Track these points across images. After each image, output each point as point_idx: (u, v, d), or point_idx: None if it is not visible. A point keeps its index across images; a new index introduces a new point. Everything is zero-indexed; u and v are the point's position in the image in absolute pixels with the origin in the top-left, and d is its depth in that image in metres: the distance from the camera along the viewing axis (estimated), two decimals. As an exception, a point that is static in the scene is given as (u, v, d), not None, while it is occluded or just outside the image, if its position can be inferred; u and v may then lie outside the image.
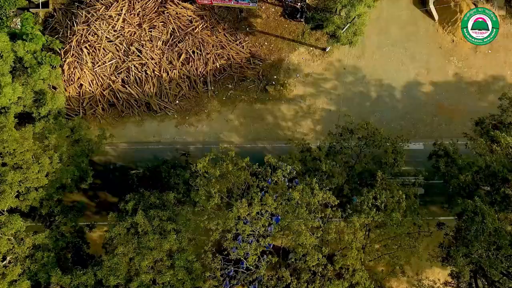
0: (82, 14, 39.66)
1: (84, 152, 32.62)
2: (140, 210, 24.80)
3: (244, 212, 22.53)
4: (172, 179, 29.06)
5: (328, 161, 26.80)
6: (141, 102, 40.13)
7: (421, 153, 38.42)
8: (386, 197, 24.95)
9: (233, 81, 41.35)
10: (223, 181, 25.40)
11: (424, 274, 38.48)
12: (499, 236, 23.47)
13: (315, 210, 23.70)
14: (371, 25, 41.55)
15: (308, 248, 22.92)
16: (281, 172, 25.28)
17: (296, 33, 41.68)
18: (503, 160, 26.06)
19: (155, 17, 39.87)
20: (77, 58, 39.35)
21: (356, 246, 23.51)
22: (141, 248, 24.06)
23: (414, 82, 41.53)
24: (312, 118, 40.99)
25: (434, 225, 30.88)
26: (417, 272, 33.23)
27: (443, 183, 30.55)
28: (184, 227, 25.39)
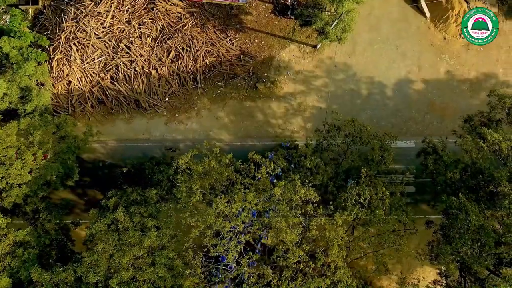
0: (71, 11, 39.45)
1: (70, 149, 32.39)
2: (121, 207, 24.55)
3: (226, 209, 22.25)
4: (156, 176, 28.79)
5: (313, 158, 26.51)
6: (130, 99, 39.90)
7: (412, 151, 38.12)
8: (369, 193, 24.63)
9: (223, 79, 41.09)
10: (206, 177, 25.13)
11: (415, 273, 38.31)
12: (483, 233, 23.14)
13: (296, 206, 23.41)
14: (362, 22, 41.31)
15: (289, 245, 22.66)
16: (265, 169, 25.00)
17: (287, 30, 41.41)
18: (490, 157, 25.71)
19: (144, 14, 39.64)
20: (66, 55, 39.14)
21: (338, 243, 23.25)
22: (122, 245, 23.81)
23: (406, 80, 41.22)
24: (302, 115, 40.70)
25: (423, 223, 30.59)
26: (401, 271, 32.89)
27: (431, 181, 30.22)
28: (165, 224, 25.13)
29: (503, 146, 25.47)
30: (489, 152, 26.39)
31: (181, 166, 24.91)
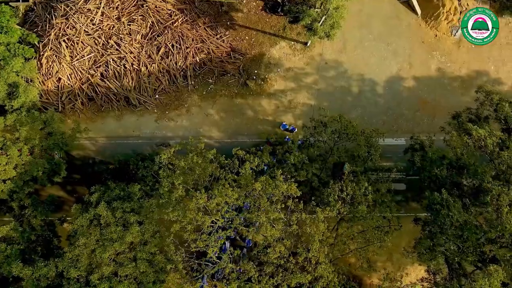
0: (60, 8, 39.43)
1: (58, 145, 32.33)
2: (103, 202, 24.46)
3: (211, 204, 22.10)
4: (140, 172, 28.68)
5: (297, 154, 26.37)
6: (120, 96, 39.83)
7: (403, 148, 37.97)
8: (352, 189, 24.49)
9: (214, 76, 41.00)
10: (189, 173, 25.01)
11: (406, 270, 38.14)
12: (466, 229, 22.94)
13: (277, 201, 23.27)
14: (353, 19, 41.18)
15: (270, 240, 22.52)
16: (249, 165, 24.88)
17: (277, 27, 41.31)
18: (476, 154, 25.53)
19: (134, 11, 39.59)
20: (56, 51, 39.10)
21: (319, 238, 23.10)
22: (103, 240, 23.71)
23: (397, 77, 41.07)
24: (293, 112, 40.57)
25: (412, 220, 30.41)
26: (384, 267, 32.71)
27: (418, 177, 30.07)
28: (147, 219, 25.04)
29: (488, 142, 25.30)
30: (474, 148, 26.21)
31: (163, 161, 24.83)
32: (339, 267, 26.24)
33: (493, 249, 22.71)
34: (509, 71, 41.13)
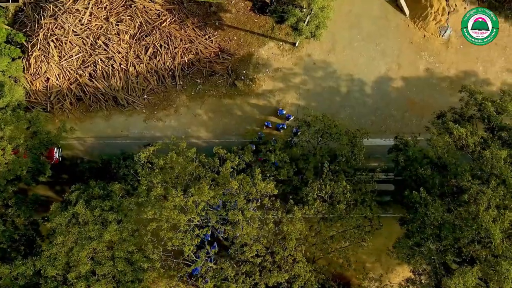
0: (49, 8, 39.56)
1: (43, 144, 32.31)
2: (81, 200, 24.41)
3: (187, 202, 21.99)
4: (121, 170, 28.63)
5: (278, 153, 26.29)
6: (108, 96, 39.87)
7: (391, 149, 37.89)
8: (331, 188, 24.36)
9: (202, 76, 41.02)
10: (170, 171, 24.96)
11: (395, 272, 37.95)
12: (444, 228, 22.77)
13: (253, 200, 23.17)
14: (342, 19, 41.24)
15: (247, 239, 22.42)
16: (229, 163, 24.82)
17: (266, 28, 41.35)
18: (457, 153, 25.40)
19: (122, 11, 39.70)
20: (44, 51, 39.20)
21: (296, 236, 22.98)
22: (81, 239, 23.64)
23: (385, 77, 41.03)
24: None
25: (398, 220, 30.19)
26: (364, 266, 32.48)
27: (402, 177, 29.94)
28: (126, 218, 24.95)
29: (469, 141, 25.16)
30: (456, 147, 26.08)
31: (142, 160, 24.77)
32: (318, 266, 26.08)
33: (470, 248, 22.55)
34: (498, 72, 41.06)
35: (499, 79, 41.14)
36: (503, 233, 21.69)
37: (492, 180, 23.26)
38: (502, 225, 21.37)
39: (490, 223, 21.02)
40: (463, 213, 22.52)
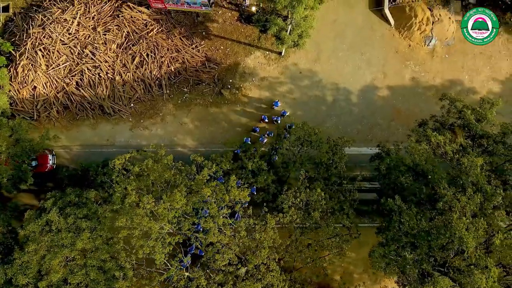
0: (38, 18, 40.07)
1: (25, 152, 32.30)
2: (55, 207, 24.21)
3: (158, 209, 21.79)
4: (99, 178, 28.51)
5: (255, 160, 26.17)
6: (95, 105, 40.01)
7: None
8: (306, 196, 24.13)
9: (189, 85, 41.22)
10: (146, 178, 24.81)
11: (383, 282, 37.39)
12: (418, 236, 22.41)
13: (225, 207, 22.92)
14: (327, 29, 41.62)
15: (219, 247, 22.10)
16: (206, 171, 24.68)
17: (252, 37, 41.72)
18: (435, 160, 25.21)
19: (110, 21, 40.16)
20: (32, 60, 39.53)
21: (269, 245, 22.64)
22: (54, 246, 23.36)
23: (371, 87, 41.16)
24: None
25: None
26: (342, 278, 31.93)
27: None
28: (100, 225, 24.70)
29: (447, 148, 25.00)
30: (435, 155, 25.93)
31: (117, 167, 24.66)
32: (295, 276, 25.64)
33: (444, 256, 22.15)
34: (483, 81, 41.18)
35: (485, 88, 41.24)
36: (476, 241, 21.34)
37: (468, 188, 23.04)
38: (476, 233, 21.06)
39: (463, 231, 20.72)
40: (436, 221, 22.20)
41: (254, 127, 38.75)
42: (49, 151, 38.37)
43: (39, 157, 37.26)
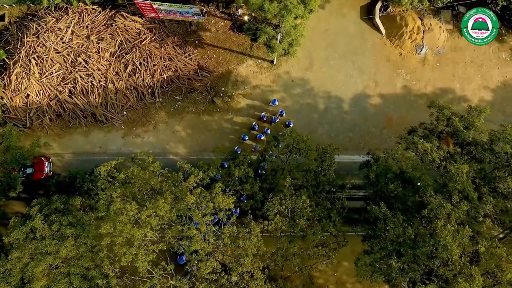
0: (33, 27, 40.51)
1: (15, 159, 32.30)
2: (39, 214, 24.08)
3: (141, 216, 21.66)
4: (86, 185, 28.44)
5: (242, 167, 26.10)
6: (87, 113, 40.15)
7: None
8: (291, 203, 23.97)
9: (181, 93, 41.41)
10: (132, 186, 24.73)
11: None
12: (403, 244, 22.18)
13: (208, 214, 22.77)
14: (319, 38, 41.98)
15: (202, 254, 21.87)
16: (193, 178, 24.61)
17: (245, 46, 42.06)
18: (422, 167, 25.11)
19: (103, 30, 40.58)
20: (25, 68, 39.83)
21: (253, 252, 22.41)
22: (37, 254, 23.16)
23: (363, 95, 41.29)
24: (259, 129, 40.59)
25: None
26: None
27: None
28: (84, 233, 24.53)
29: (434, 155, 24.93)
30: (422, 162, 25.85)
31: (103, 174, 24.63)
32: (279, 284, 25.31)
33: (429, 265, 21.89)
34: (475, 89, 41.31)
35: (477, 96, 41.35)
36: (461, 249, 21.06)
37: (454, 195, 22.89)
38: (461, 240, 20.82)
39: (447, 239, 20.51)
40: (420, 228, 21.97)
41: (253, 124, 39.14)
42: (46, 158, 38.42)
43: (35, 164, 37.34)
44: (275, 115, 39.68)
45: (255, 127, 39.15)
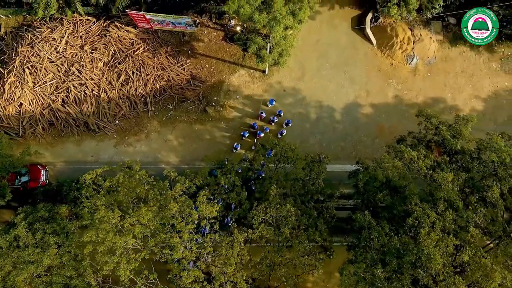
0: (28, 37, 41.03)
1: (5, 167, 32.29)
2: (23, 222, 23.96)
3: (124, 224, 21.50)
4: (72, 193, 28.37)
5: (228, 176, 26.06)
6: (80, 122, 40.32)
7: (360, 175, 37.42)
8: (275, 211, 23.83)
9: (174, 102, 41.64)
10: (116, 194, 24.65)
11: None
12: (387, 253, 21.93)
13: (191, 222, 22.62)
14: (310, 49, 42.39)
15: (185, 264, 21.64)
16: (179, 186, 24.55)
17: (237, 56, 42.45)
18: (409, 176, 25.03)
19: (97, 40, 41.06)
20: (19, 78, 40.20)
21: (236, 261, 22.17)
22: (20, 263, 22.95)
23: (354, 104, 41.46)
24: (251, 138, 40.67)
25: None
26: None
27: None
28: (68, 241, 24.35)
29: (421, 164, 24.88)
30: (409, 170, 25.78)
31: (88, 182, 24.60)
32: None
33: (414, 274, 21.60)
34: (466, 99, 41.46)
35: (468, 105, 41.47)
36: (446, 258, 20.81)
37: (439, 204, 22.74)
38: (445, 249, 20.56)
39: (431, 247, 20.27)
40: (404, 237, 21.77)
41: (253, 123, 39.42)
42: (42, 167, 38.46)
43: (31, 172, 37.36)
44: (273, 116, 39.84)
45: (255, 125, 39.42)
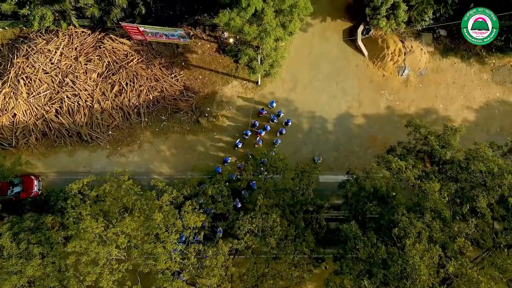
0: (23, 48, 41.54)
1: (-5, 177, 32.27)
2: (7, 232, 23.79)
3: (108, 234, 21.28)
4: (59, 203, 28.24)
5: (216, 186, 25.98)
6: (73, 132, 40.46)
7: (353, 186, 37.25)
8: (262, 221, 23.64)
9: (167, 113, 41.83)
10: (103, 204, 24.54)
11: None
12: (373, 263, 21.62)
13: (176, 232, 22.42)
14: (303, 60, 42.79)
15: (168, 274, 21.36)
16: (167, 196, 24.45)
17: (230, 67, 42.84)
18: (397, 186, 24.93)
19: (91, 51, 41.53)
20: (14, 88, 40.53)
21: (220, 272, 21.87)
22: (3, 273, 22.70)
23: (347, 115, 41.59)
24: (244, 148, 40.70)
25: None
26: None
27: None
28: (52, 252, 24.12)
29: (408, 174, 24.80)
30: (397, 180, 25.67)
31: (74, 191, 24.52)
32: None
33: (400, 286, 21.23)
34: (458, 109, 41.58)
35: (460, 116, 41.57)
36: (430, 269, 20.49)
37: (426, 214, 22.55)
38: (430, 260, 20.27)
39: (416, 258, 19.99)
40: (389, 247, 21.50)
41: (254, 121, 39.75)
42: (35, 177, 38.41)
43: (24, 183, 37.31)
44: (273, 115, 40.23)
45: (256, 123, 39.62)
